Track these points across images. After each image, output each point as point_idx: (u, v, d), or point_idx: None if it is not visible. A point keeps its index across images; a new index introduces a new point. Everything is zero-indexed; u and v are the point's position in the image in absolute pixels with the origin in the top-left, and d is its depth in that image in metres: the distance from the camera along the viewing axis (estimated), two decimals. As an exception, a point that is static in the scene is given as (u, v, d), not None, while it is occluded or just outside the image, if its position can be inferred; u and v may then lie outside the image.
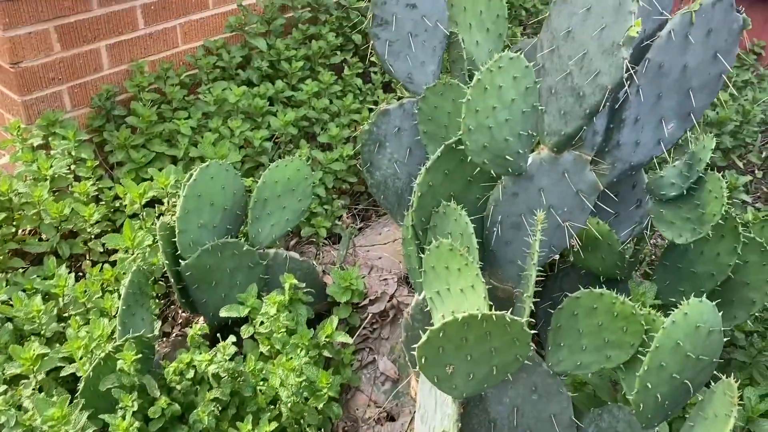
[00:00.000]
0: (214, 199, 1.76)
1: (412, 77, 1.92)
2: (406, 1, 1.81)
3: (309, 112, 2.57)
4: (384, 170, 2.07)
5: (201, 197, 1.72)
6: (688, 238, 1.44)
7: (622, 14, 1.19)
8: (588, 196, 1.50)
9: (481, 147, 1.32)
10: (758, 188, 2.89)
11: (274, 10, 2.78)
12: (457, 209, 1.36)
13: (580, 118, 1.32)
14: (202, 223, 1.74)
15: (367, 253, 2.14)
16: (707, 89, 1.50)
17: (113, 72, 2.42)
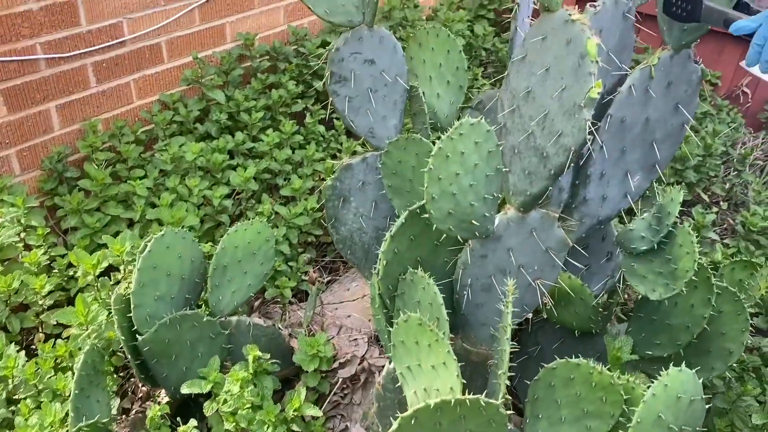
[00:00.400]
0: (171, 269, 1.67)
1: (373, 132, 1.88)
2: (364, 58, 1.77)
3: (271, 164, 2.51)
4: (349, 225, 2.01)
5: (156, 268, 1.64)
6: (661, 294, 1.40)
7: (581, 75, 1.16)
8: (557, 253, 1.46)
9: (446, 214, 1.27)
10: (724, 219, 2.90)
11: (231, 60, 2.73)
12: (424, 278, 1.30)
13: (545, 179, 1.29)
14: (159, 295, 1.65)
15: (336, 311, 2.07)
16: (671, 140, 1.49)
17: (65, 132, 2.33)
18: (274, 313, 2.15)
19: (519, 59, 1.31)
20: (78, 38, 2.25)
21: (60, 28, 2.19)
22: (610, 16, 1.31)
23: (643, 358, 1.62)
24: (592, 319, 1.62)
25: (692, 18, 1.30)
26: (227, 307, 1.78)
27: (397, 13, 3.35)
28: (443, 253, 1.44)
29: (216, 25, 2.73)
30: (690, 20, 1.31)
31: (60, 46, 2.21)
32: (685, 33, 1.34)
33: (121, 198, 2.25)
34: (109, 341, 1.80)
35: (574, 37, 1.17)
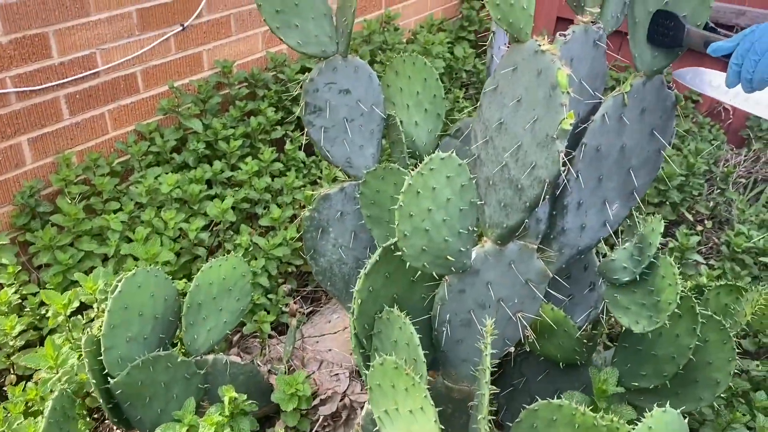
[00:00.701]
0: (143, 309, 1.62)
1: (351, 162, 1.85)
2: (339, 87, 1.74)
3: (250, 193, 2.47)
4: (329, 256, 1.97)
5: (128, 309, 1.59)
6: (645, 327, 1.37)
7: (553, 106, 1.14)
8: (538, 285, 1.43)
9: (419, 251, 1.24)
10: (709, 238, 2.88)
11: (209, 88, 2.70)
12: (400, 317, 1.26)
13: (520, 211, 1.26)
14: (131, 336, 1.60)
15: (316, 344, 2.02)
16: (648, 166, 1.47)
17: (37, 166, 2.28)
18: (253, 348, 2.09)
19: (491, 90, 1.28)
20: (50, 70, 2.21)
21: (31, 60, 2.15)
22: (581, 44, 1.29)
23: (630, 390, 1.59)
24: (577, 350, 1.59)
25: (675, 42, 1.29)
26: (203, 346, 1.72)
27: (376, 37, 3.34)
28: (420, 289, 1.40)
29: (193, 53, 2.70)
30: (673, 45, 1.30)
31: (31, 79, 2.17)
32: (656, 59, 1.32)
33: (96, 232, 2.20)
34: (81, 384, 1.74)
35: (544, 68, 1.14)
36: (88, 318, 1.88)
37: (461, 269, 1.33)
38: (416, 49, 3.31)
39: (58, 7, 2.16)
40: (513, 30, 1.18)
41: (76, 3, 2.21)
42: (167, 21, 2.54)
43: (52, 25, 2.17)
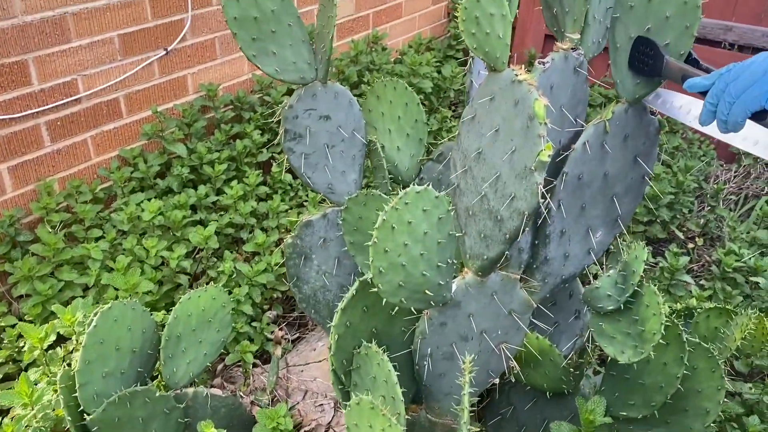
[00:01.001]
0: (120, 343, 1.59)
1: (332, 188, 1.82)
2: (319, 114, 1.72)
3: (235, 218, 2.44)
4: (312, 283, 1.94)
5: (104, 343, 1.55)
6: (630, 357, 1.34)
7: (531, 137, 1.11)
8: (521, 315, 1.40)
9: (396, 287, 1.21)
10: (701, 256, 2.86)
11: (193, 112, 2.68)
12: (378, 353, 1.23)
13: (500, 243, 1.23)
14: (107, 371, 1.56)
15: (301, 373, 1.98)
16: (632, 193, 1.44)
17: (18, 194, 2.25)
18: (237, 377, 2.05)
19: (468, 119, 1.26)
20: (30, 98, 2.19)
21: (9, 88, 2.12)
22: (560, 71, 1.27)
23: (618, 419, 1.55)
24: (564, 379, 1.55)
25: (654, 72, 1.27)
26: (183, 379, 1.68)
27: (364, 58, 3.33)
28: (400, 322, 1.37)
29: (177, 77, 2.68)
30: (652, 74, 1.28)
31: (10, 106, 2.14)
32: (638, 86, 1.30)
33: (77, 260, 2.17)
34: (58, 420, 1.70)
35: (521, 98, 1.12)
36: (66, 351, 1.84)
37: (441, 302, 1.30)
38: (403, 70, 3.30)
39: (37, 34, 2.15)
40: (489, 59, 1.16)
41: (56, 29, 2.19)
42: (150, 45, 2.52)
43: (32, 52, 2.15)
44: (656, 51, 1.24)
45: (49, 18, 2.16)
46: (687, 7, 1.22)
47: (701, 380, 1.50)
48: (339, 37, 3.48)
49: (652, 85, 1.30)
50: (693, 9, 1.21)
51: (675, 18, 1.23)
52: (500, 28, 1.12)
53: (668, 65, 1.23)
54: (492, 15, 1.11)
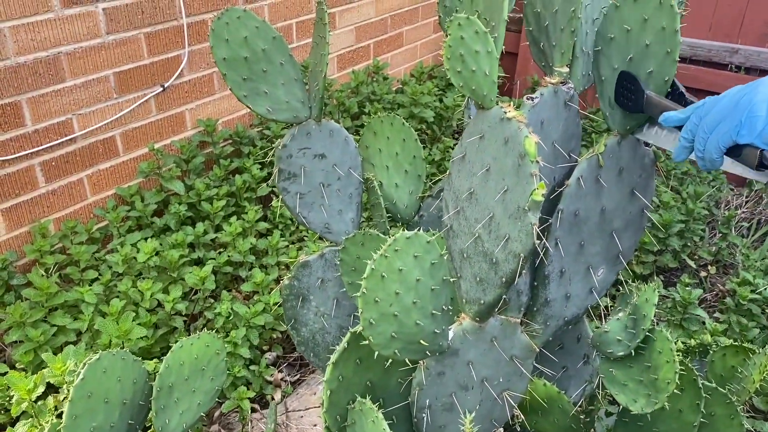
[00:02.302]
0: (109, 395, 1.52)
1: (329, 227, 1.77)
2: (314, 152, 1.67)
3: (233, 255, 2.38)
4: (311, 325, 1.88)
5: (92, 396, 1.49)
6: (643, 407, 1.26)
7: (523, 176, 1.05)
8: (524, 360, 1.33)
9: (388, 338, 1.14)
10: (714, 285, 2.77)
11: (192, 148, 2.64)
12: (373, 410, 1.16)
13: (497, 286, 1.16)
14: (96, 426, 1.50)
15: (301, 420, 1.91)
16: (632, 228, 1.38)
17: (12, 236, 2.21)
18: (235, 424, 1.98)
19: (459, 158, 1.20)
20: (23, 138, 2.16)
21: (3, 130, 2.10)
22: (551, 106, 1.21)
23: (632, 469, 1.47)
24: (573, 428, 1.47)
25: (636, 108, 1.22)
26: (176, 430, 1.61)
27: (364, 88, 3.30)
28: (396, 374, 1.30)
29: (174, 113, 2.65)
30: (635, 110, 1.23)
31: (3, 148, 2.11)
32: (628, 118, 1.25)
33: (71, 304, 2.11)
34: (47, 474, 1.63)
35: (511, 136, 1.06)
36: (57, 401, 1.78)
37: (438, 351, 1.23)
38: (404, 100, 3.26)
39: (31, 75, 2.12)
40: (476, 97, 1.11)
41: (50, 70, 2.17)
42: (146, 82, 2.50)
43: (25, 93, 2.12)
44: (637, 86, 1.19)
45: (43, 58, 2.14)
46: (666, 33, 1.16)
47: (719, 427, 1.42)
48: (339, 67, 3.46)
49: (640, 119, 1.25)
50: (672, 34, 1.16)
51: (655, 45, 1.18)
52: (486, 65, 1.07)
53: (648, 100, 1.18)
54: (477, 52, 1.06)
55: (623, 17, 1.19)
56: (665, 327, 2.29)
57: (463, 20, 1.06)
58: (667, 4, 1.13)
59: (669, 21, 1.14)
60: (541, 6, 1.28)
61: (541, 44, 1.29)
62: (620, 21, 1.20)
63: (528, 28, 1.32)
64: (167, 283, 2.19)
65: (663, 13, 1.14)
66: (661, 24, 1.15)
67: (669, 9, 1.13)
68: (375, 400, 1.25)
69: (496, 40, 1.10)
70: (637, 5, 1.17)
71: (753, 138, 0.97)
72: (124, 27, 2.35)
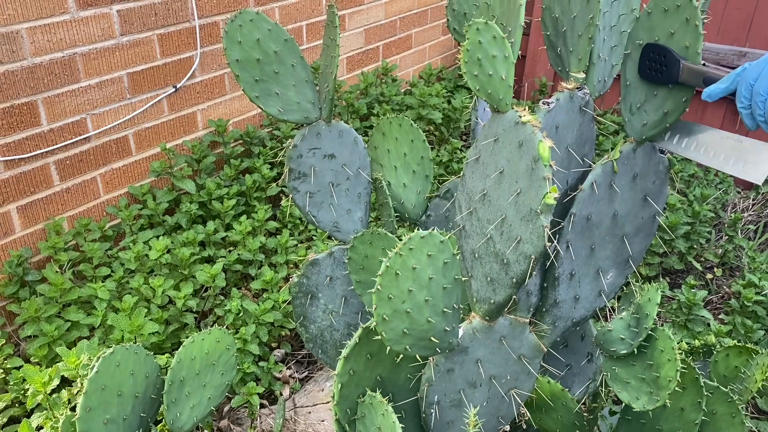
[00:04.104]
0: (122, 388, 1.56)
1: (338, 226, 1.80)
2: (324, 153, 1.71)
3: (243, 254, 2.42)
4: (319, 323, 1.91)
5: (106, 389, 1.53)
6: (645, 405, 1.28)
7: (536, 180, 1.08)
8: (531, 360, 1.35)
9: (400, 334, 1.17)
10: (720, 287, 2.78)
11: (203, 148, 2.68)
12: (383, 403, 1.19)
13: (507, 287, 1.19)
14: (109, 418, 1.53)
15: (309, 415, 1.94)
16: (643, 233, 1.40)
17: (28, 233, 2.25)
18: (244, 419, 2.01)
19: (473, 160, 1.23)
20: (39, 138, 2.20)
21: (19, 129, 2.14)
22: (566, 111, 1.24)
23: (635, 466, 1.49)
24: (577, 425, 1.50)
25: (669, 79, 1.21)
26: (186, 424, 1.65)
27: (373, 89, 3.33)
28: (405, 369, 1.33)
29: (186, 113, 2.69)
30: (667, 81, 1.22)
31: (19, 147, 2.15)
32: (646, 127, 1.27)
33: (85, 300, 2.15)
34: (61, 465, 1.67)
35: (525, 140, 1.09)
36: (71, 394, 1.82)
37: (448, 349, 1.26)
38: (413, 101, 3.29)
39: (47, 75, 2.16)
40: (492, 101, 1.14)
41: (66, 70, 2.21)
42: (159, 83, 2.54)
43: (41, 93, 2.17)
44: (670, 56, 1.18)
45: (59, 59, 2.18)
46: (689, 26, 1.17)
47: (721, 426, 1.44)
48: (349, 69, 3.49)
49: (660, 127, 1.26)
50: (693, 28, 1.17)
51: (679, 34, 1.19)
52: (503, 69, 1.10)
53: (685, 69, 1.17)
54: (494, 57, 1.09)
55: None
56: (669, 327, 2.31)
57: (482, 25, 1.09)
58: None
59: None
60: (560, 11, 1.30)
61: (558, 49, 1.31)
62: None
63: (545, 32, 1.35)
64: (178, 281, 2.23)
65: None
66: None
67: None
68: (385, 395, 1.28)
69: (513, 45, 1.12)
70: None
71: None
72: (137, 28, 2.39)
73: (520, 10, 1.12)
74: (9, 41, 2.03)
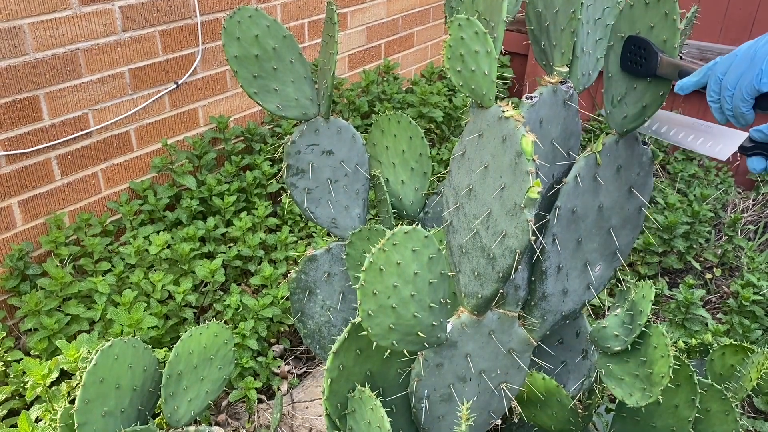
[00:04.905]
0: (121, 381, 1.57)
1: (336, 222, 1.81)
2: (322, 149, 1.72)
3: (243, 250, 2.43)
4: (317, 318, 1.92)
5: (104, 382, 1.54)
6: (639, 401, 1.29)
7: (519, 174, 1.09)
8: (521, 354, 1.36)
9: (386, 329, 1.18)
10: (719, 287, 2.79)
11: (204, 144, 2.69)
12: (372, 398, 1.19)
13: (494, 282, 1.20)
14: (107, 410, 1.55)
15: (306, 410, 1.95)
16: (629, 225, 1.41)
17: (28, 227, 2.27)
18: (242, 413, 2.03)
19: (459, 155, 1.24)
20: (40, 132, 2.22)
21: (21, 124, 2.15)
22: (550, 105, 1.24)
23: (628, 462, 1.50)
24: (572, 421, 1.50)
25: (648, 72, 1.22)
26: (184, 417, 1.66)
27: (374, 88, 3.34)
28: (395, 364, 1.34)
29: (188, 109, 2.70)
30: (646, 74, 1.23)
31: (21, 141, 2.17)
32: (626, 120, 1.27)
33: (85, 294, 2.17)
34: (59, 457, 1.68)
35: (508, 135, 1.10)
36: (70, 387, 1.84)
37: (435, 344, 1.26)
38: (414, 100, 3.30)
39: (48, 71, 2.18)
40: (475, 96, 1.15)
41: (68, 65, 2.23)
42: (161, 79, 2.55)
43: (43, 88, 2.18)
44: (649, 49, 1.20)
45: (60, 54, 2.19)
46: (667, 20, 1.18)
47: (714, 423, 1.45)
48: (350, 67, 3.50)
49: (639, 121, 1.27)
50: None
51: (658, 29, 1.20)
52: (486, 64, 1.11)
53: (662, 63, 1.19)
54: (477, 52, 1.10)
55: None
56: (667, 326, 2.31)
57: (463, 21, 1.10)
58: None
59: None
60: (543, 6, 1.31)
61: (542, 44, 1.32)
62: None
63: (530, 27, 1.36)
64: (178, 276, 2.24)
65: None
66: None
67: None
68: (375, 390, 1.29)
69: (495, 40, 1.13)
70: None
71: None
72: (139, 25, 2.40)
73: (503, 5, 1.13)
74: (11, 36, 2.04)
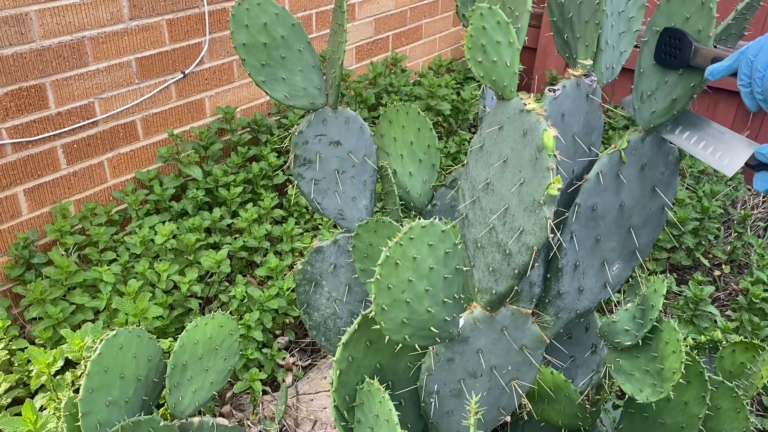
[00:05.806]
0: (125, 371, 1.56)
1: (343, 213, 1.79)
2: (330, 139, 1.70)
3: (249, 241, 2.42)
4: (323, 310, 1.91)
5: (108, 371, 1.53)
6: (649, 396, 1.27)
7: (539, 169, 1.06)
8: (533, 351, 1.34)
9: (399, 324, 1.16)
10: (728, 284, 2.76)
11: (210, 135, 2.68)
12: (380, 391, 1.18)
13: (510, 278, 1.18)
14: (111, 400, 1.54)
15: (311, 402, 1.94)
16: (651, 225, 1.38)
17: (34, 216, 2.26)
18: (246, 405, 2.02)
19: (477, 148, 1.22)
20: (47, 121, 2.21)
21: (27, 112, 2.14)
22: (573, 99, 1.22)
23: (637, 459, 1.48)
24: (580, 416, 1.49)
25: (682, 62, 1.20)
26: (188, 408, 1.65)
27: (382, 80, 3.31)
28: (405, 357, 1.32)
29: (194, 99, 2.69)
30: (680, 65, 1.21)
31: (27, 129, 2.16)
32: (654, 115, 1.25)
33: (89, 283, 2.16)
34: (63, 447, 1.68)
35: (529, 129, 1.08)
36: (74, 376, 1.83)
37: (448, 339, 1.25)
38: (422, 92, 3.27)
39: (55, 58, 2.16)
40: (496, 88, 1.12)
41: (74, 53, 2.21)
42: (168, 69, 2.53)
43: (50, 76, 2.17)
44: (684, 39, 1.17)
45: (67, 42, 2.18)
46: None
47: (725, 421, 1.43)
48: (358, 59, 3.48)
49: (667, 116, 1.25)
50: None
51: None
52: (508, 55, 1.08)
53: (697, 52, 1.16)
54: (499, 43, 1.08)
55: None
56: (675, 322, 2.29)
57: (485, 10, 1.07)
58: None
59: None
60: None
61: (565, 35, 1.29)
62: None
63: (552, 18, 1.33)
64: (183, 266, 2.23)
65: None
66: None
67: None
68: (384, 383, 1.27)
69: (519, 30, 1.10)
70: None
71: None
72: (146, 13, 2.39)
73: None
74: (18, 23, 2.03)
